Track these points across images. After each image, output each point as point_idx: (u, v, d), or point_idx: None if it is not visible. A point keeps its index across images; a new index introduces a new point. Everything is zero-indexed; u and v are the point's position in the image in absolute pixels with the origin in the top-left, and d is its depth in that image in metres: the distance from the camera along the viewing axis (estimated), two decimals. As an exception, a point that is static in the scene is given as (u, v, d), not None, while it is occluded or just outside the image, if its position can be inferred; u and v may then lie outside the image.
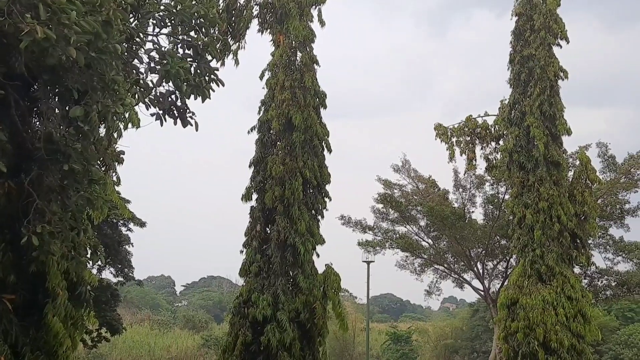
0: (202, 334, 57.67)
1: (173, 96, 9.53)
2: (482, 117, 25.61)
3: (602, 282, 34.29)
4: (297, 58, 21.00)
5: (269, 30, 21.07)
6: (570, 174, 23.56)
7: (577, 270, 23.94)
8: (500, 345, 22.22)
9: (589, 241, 24.06)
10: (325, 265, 19.60)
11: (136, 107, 9.68)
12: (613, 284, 33.89)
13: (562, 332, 19.73)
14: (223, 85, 9.96)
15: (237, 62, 20.55)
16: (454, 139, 25.67)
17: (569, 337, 19.81)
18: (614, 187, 32.27)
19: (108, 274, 30.14)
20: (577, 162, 23.78)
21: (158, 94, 9.50)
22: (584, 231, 21.86)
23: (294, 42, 20.80)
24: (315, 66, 21.05)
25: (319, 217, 20.16)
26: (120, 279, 30.38)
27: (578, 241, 21.79)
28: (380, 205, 37.17)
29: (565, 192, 21.78)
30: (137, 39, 9.26)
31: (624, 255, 33.61)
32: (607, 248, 34.16)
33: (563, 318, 19.98)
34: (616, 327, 52.23)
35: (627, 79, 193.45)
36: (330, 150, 20.66)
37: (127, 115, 9.38)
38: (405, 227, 37.85)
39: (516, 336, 20.36)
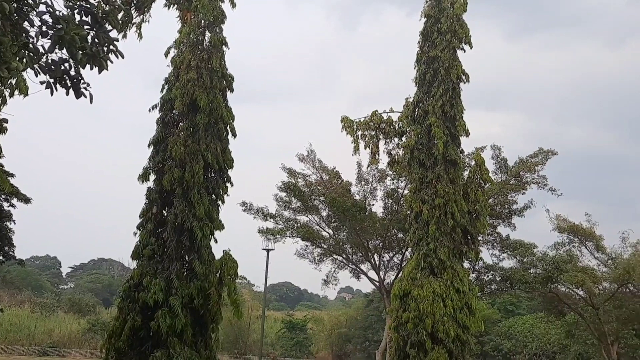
0: (88, 319, 55.28)
1: (66, 64, 8.86)
2: (387, 113, 26.09)
3: (488, 276, 36.15)
4: (206, 38, 20.39)
5: (176, 5, 20.29)
6: (466, 173, 24.45)
7: (466, 264, 25.10)
8: (391, 335, 22.85)
9: (479, 238, 25.18)
10: (223, 251, 19.20)
11: (24, 74, 8.90)
12: (498, 279, 35.82)
13: (449, 323, 20.51)
14: (123, 57, 9.40)
15: (140, 36, 19.49)
16: (359, 133, 25.98)
17: (455, 327, 20.61)
18: (504, 188, 34.05)
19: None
20: (473, 163, 24.71)
21: (50, 60, 8.80)
22: (474, 228, 22.81)
23: (202, 21, 20.15)
24: (224, 48, 20.54)
25: (220, 202, 19.74)
26: (-1, 257, 28.33)
27: (469, 237, 22.72)
28: (283, 194, 37.13)
29: (460, 190, 22.62)
30: (29, 0, 8.50)
31: (509, 252, 35.55)
32: (494, 245, 36.04)
33: (451, 310, 20.75)
34: (498, 320, 55.67)
35: (522, 87, 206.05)
36: (234, 135, 20.26)
37: (13, 81, 8.60)
38: (307, 216, 38.08)
39: (406, 326, 20.96)
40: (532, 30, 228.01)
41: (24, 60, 8.72)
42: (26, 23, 8.66)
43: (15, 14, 8.15)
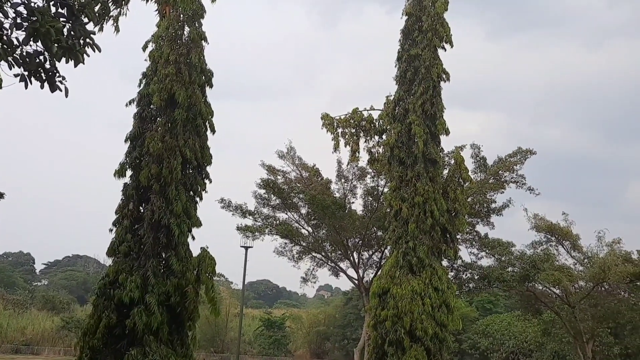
0: (62, 316, 54.48)
1: (41, 57, 8.62)
2: (367, 110, 26.09)
3: (466, 275, 36.30)
4: (185, 32, 20.12)
5: (154, -1, 19.98)
6: (445, 172, 24.56)
7: (445, 263, 25.15)
8: (370, 333, 22.86)
9: (458, 236, 25.28)
10: (201, 248, 19.01)
11: (-3, 66, 8.63)
12: (476, 277, 35.99)
13: (427, 321, 20.57)
14: (99, 50, 9.19)
15: (117, 29, 19.24)
16: (339, 130, 25.95)
17: (433, 325, 20.68)
18: (483, 187, 34.22)
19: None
20: (452, 161, 24.83)
21: (24, 53, 8.55)
22: (453, 226, 22.90)
23: (181, 16, 19.89)
24: (204, 43, 20.30)
25: (197, 199, 19.51)
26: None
27: (448, 235, 22.81)
28: (262, 191, 36.90)
29: (440, 189, 22.68)
30: (4, -9, 8.23)
31: (487, 251, 35.75)
32: (473, 243, 36.19)
33: (429, 308, 20.81)
34: (476, 318, 56.08)
35: (501, 86, 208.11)
36: (213, 131, 20.03)
37: (-14, 74, 8.32)
38: (286, 213, 37.89)
39: (385, 324, 20.98)
40: (512, 30, 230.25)
41: (-3, 52, 8.46)
42: (0, 14, 8.40)
43: (-13, 4, 7.89)
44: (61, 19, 8.64)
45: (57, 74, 8.90)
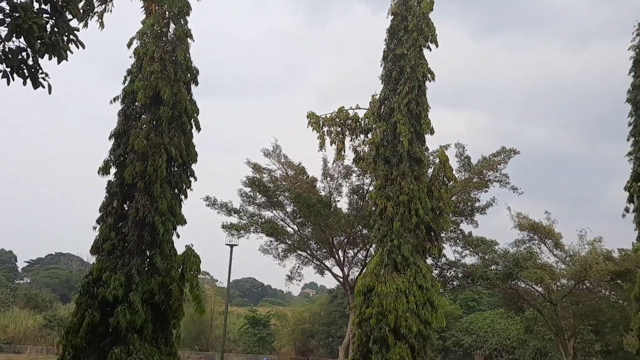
0: (45, 314, 54.04)
1: (24, 53, 8.54)
2: (353, 109, 26.14)
3: (450, 273, 36.56)
4: (170, 30, 20.03)
5: (140, -5, 19.84)
6: (430, 170, 24.69)
7: (429, 261, 25.30)
8: (355, 330, 22.93)
9: (442, 234, 25.43)
10: (186, 246, 18.94)
11: (-22, 62, 8.54)
12: (460, 275, 36.25)
13: (411, 319, 20.68)
14: (83, 47, 9.11)
15: (102, 26, 19.07)
16: (325, 129, 25.96)
17: (417, 323, 20.79)
18: (467, 186, 34.45)
19: None
20: (437, 160, 24.94)
21: (7, 49, 8.48)
22: (438, 225, 23.03)
23: (167, 13, 19.80)
24: (189, 40, 20.21)
25: (182, 197, 19.45)
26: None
27: (432, 234, 22.94)
28: (248, 189, 36.84)
29: (424, 188, 22.80)
30: (-16, -13, 8.15)
31: (471, 249, 36.02)
32: (457, 242, 36.43)
33: (413, 306, 20.92)
34: (460, 315, 56.51)
35: (485, 86, 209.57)
36: (199, 129, 19.96)
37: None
38: (272, 212, 37.87)
39: (370, 322, 21.06)
40: (497, 30, 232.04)
41: (-21, 48, 8.38)
42: (-18, 10, 8.31)
43: (-31, 0, 7.81)
44: (44, 15, 8.57)
45: (40, 71, 8.85)
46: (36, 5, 8.69)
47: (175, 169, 19.23)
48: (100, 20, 19.10)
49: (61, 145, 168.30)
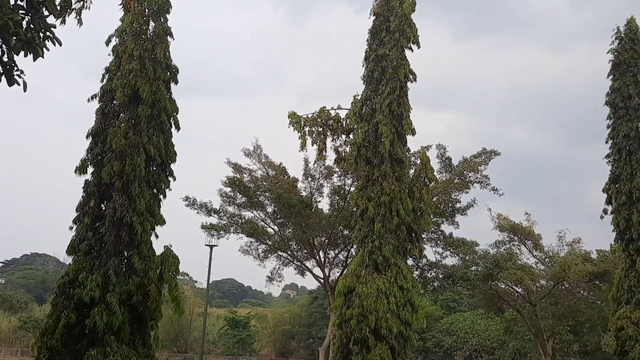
0: (20, 316, 53.20)
1: (-1, 50, 8.29)
2: (335, 109, 26.08)
3: (431, 274, 36.73)
4: (150, 27, 19.72)
5: (119, -9, 19.54)
6: (411, 171, 24.71)
7: (410, 262, 25.34)
8: (335, 331, 22.83)
9: (423, 235, 25.47)
10: (164, 247, 18.62)
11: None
12: (440, 276, 36.43)
13: (392, 320, 20.64)
14: (60, 44, 8.89)
15: (80, 22, 18.69)
16: (306, 129, 25.85)
17: (398, 324, 20.76)
18: (448, 187, 34.62)
19: None
20: (418, 161, 25.00)
21: (-19, 46, 8.22)
22: (419, 226, 23.04)
23: (147, 10, 19.51)
24: (169, 38, 19.92)
25: (161, 197, 19.14)
26: None
27: (413, 235, 22.94)
28: (228, 189, 36.61)
29: (406, 188, 22.80)
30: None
31: (452, 250, 36.22)
32: (438, 243, 36.61)
33: (394, 306, 20.88)
34: (440, 316, 56.81)
35: (467, 87, 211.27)
36: (178, 128, 19.68)
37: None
38: (252, 212, 37.68)
39: (350, 323, 20.97)
40: (478, 32, 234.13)
41: (-48, 44, 8.10)
42: (-43, 6, 8.04)
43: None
44: (20, 12, 8.33)
45: (15, 68, 8.59)
46: (12, 1, 8.46)
47: (154, 168, 18.93)
48: (78, 17, 18.79)
49: (36, 143, 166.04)
